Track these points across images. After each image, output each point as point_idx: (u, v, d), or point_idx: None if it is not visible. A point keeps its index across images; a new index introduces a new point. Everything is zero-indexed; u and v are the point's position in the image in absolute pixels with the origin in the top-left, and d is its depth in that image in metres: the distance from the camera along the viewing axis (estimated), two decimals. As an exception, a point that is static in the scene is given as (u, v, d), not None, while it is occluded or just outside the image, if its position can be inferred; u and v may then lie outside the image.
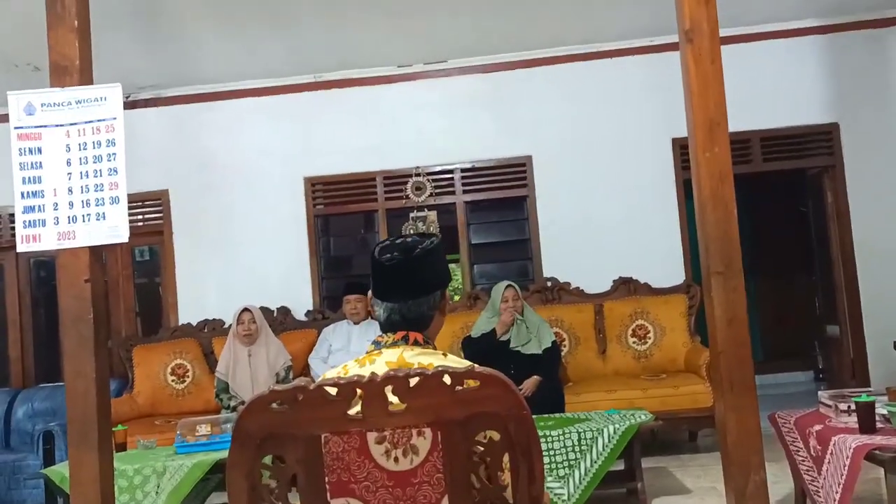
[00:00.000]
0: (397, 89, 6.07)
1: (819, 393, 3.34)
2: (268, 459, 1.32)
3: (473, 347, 4.82)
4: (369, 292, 1.69)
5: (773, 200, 7.90)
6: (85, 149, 2.85)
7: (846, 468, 2.70)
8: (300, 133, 6.10)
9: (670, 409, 4.69)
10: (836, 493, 2.76)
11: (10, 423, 5.41)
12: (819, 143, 5.87)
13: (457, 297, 6.07)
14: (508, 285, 4.96)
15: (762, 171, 5.91)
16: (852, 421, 2.91)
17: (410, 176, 6.04)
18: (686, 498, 3.97)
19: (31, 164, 2.85)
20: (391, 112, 6.05)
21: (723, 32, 2.94)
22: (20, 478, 4.80)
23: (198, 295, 6.04)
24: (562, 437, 3.66)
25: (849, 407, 2.98)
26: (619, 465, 3.98)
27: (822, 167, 5.95)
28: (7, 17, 4.69)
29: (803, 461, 3.13)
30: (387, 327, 1.63)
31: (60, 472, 3.62)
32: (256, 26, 5.18)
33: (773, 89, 5.78)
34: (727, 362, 2.83)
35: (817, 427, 3.03)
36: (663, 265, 5.74)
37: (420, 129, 6.02)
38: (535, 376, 4.69)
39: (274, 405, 1.28)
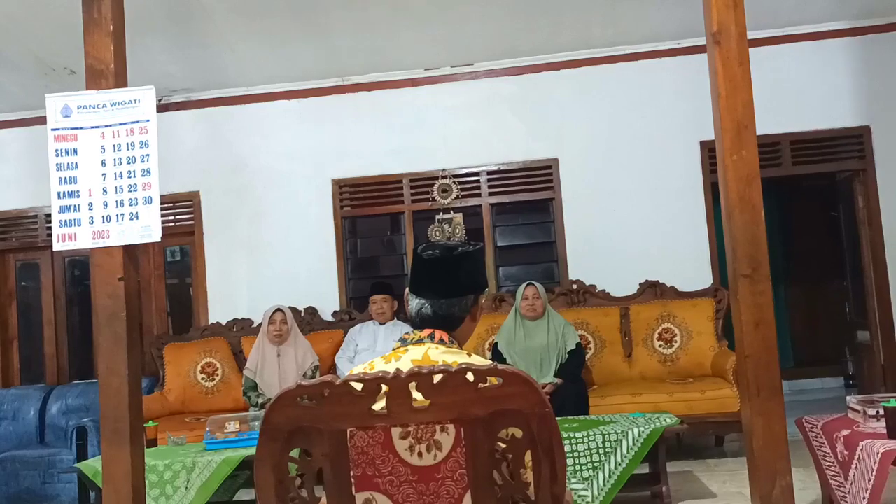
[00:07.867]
0: (424, 92, 6.10)
1: (847, 398, 3.30)
2: (295, 453, 1.35)
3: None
4: (406, 290, 1.71)
5: (804, 205, 7.81)
6: (119, 150, 2.91)
7: (874, 474, 2.67)
8: (328, 135, 6.15)
9: (697, 414, 4.66)
10: (864, 499, 2.73)
11: (44, 418, 5.53)
12: (850, 146, 5.78)
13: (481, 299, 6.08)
14: (529, 283, 4.98)
15: (792, 174, 5.84)
16: (881, 426, 2.87)
17: (437, 178, 6.06)
18: (712, 502, 3.94)
19: (68, 164, 2.92)
20: (418, 115, 6.08)
21: (751, 35, 2.92)
22: (54, 472, 4.91)
23: (227, 295, 6.13)
24: (586, 440, 3.66)
25: (877, 412, 2.95)
26: (645, 469, 3.96)
27: (852, 171, 5.86)
28: (44, 22, 4.81)
29: (830, 466, 3.10)
30: (417, 321, 1.66)
31: (93, 466, 3.69)
32: (286, 30, 5.25)
33: (802, 92, 5.71)
34: (754, 366, 2.80)
35: (845, 432, 2.99)
36: (691, 269, 5.69)
37: (446, 131, 6.04)
38: (556, 379, 4.71)
39: (302, 400, 1.32)
